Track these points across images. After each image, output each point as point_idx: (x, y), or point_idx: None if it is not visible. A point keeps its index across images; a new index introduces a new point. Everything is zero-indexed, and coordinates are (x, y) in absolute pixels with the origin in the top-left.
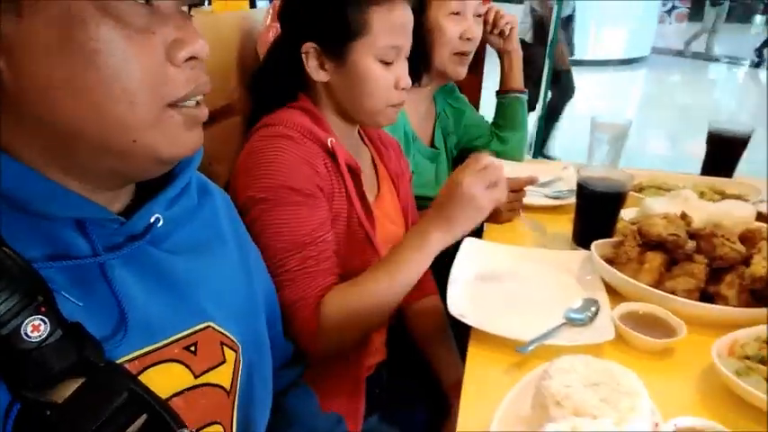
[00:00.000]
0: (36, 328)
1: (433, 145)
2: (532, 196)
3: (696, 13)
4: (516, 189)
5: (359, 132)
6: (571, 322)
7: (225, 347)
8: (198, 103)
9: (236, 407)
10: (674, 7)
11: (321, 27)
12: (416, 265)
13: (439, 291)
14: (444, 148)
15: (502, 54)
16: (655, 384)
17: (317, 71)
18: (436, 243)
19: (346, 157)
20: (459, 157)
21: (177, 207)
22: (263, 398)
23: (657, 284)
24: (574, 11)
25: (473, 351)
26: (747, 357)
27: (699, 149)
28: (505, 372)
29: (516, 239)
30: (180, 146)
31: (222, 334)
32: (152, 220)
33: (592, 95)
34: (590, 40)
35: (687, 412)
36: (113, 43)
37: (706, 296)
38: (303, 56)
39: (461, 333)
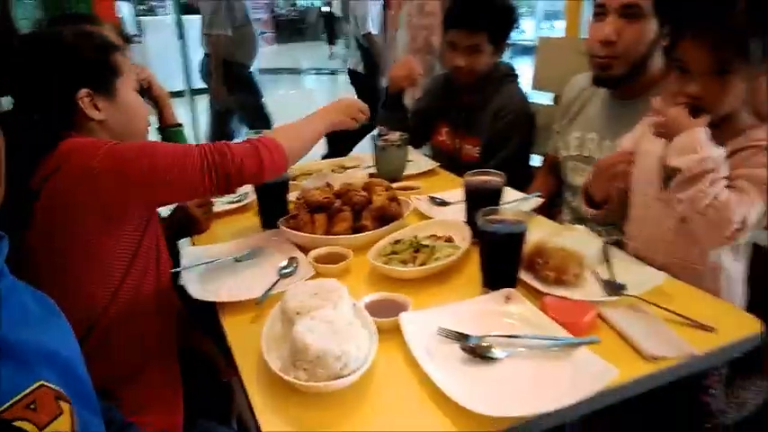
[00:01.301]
0: None
1: None
2: (220, 205)
3: (281, 35)
4: (205, 203)
5: None
6: (284, 275)
7: (59, 401)
8: None
9: None
10: (261, 33)
11: (91, 74)
12: (316, 122)
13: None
14: None
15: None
16: (347, 285)
17: (92, 111)
18: (322, 116)
19: None
20: None
21: None
22: None
23: (328, 232)
24: None
25: (226, 319)
26: (387, 254)
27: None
28: (253, 320)
29: (217, 239)
30: None
31: (54, 389)
32: None
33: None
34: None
35: (370, 292)
36: None
37: (357, 230)
38: (80, 102)
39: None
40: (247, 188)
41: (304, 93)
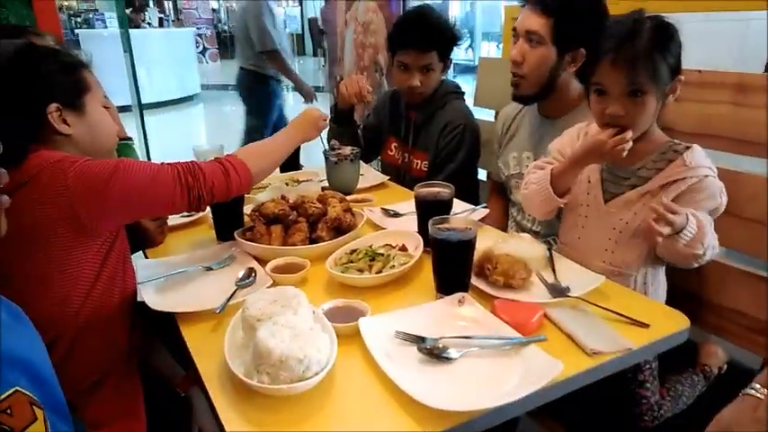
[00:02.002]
0: None
1: None
2: (173, 220)
3: (225, 50)
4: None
5: None
6: (242, 286)
7: (34, 407)
8: None
9: None
10: (205, 49)
11: (60, 89)
12: (284, 141)
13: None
14: None
15: None
16: (306, 294)
17: (61, 125)
18: (291, 134)
19: None
20: None
21: None
22: None
23: (284, 243)
24: None
25: (186, 329)
26: (344, 263)
27: None
28: (213, 329)
29: (172, 252)
30: None
31: (29, 395)
32: None
33: (163, 132)
34: (144, 84)
35: (328, 299)
36: None
37: (313, 240)
38: (49, 116)
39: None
40: None
41: None
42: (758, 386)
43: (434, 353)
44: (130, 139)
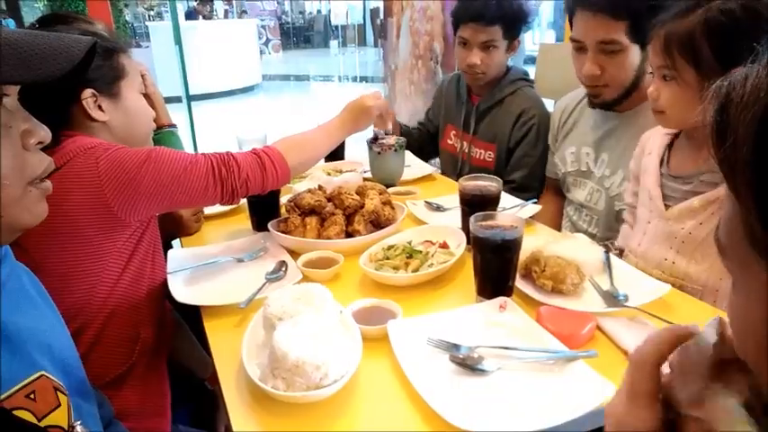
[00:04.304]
0: None
1: None
2: (210, 209)
3: (287, 42)
4: None
5: None
6: (271, 280)
7: (58, 392)
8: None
9: None
10: (268, 40)
11: (96, 75)
12: (330, 132)
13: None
14: None
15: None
16: (336, 291)
17: (96, 112)
18: (339, 125)
19: None
20: None
21: None
22: None
23: (319, 236)
24: None
25: (209, 323)
26: (380, 259)
27: None
28: (237, 325)
29: (208, 241)
30: (36, 215)
31: (54, 380)
32: None
33: (223, 120)
34: (206, 74)
35: (360, 298)
36: None
37: (350, 234)
38: (84, 102)
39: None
40: None
41: (311, 99)
42: None
43: (467, 363)
44: (174, 126)
